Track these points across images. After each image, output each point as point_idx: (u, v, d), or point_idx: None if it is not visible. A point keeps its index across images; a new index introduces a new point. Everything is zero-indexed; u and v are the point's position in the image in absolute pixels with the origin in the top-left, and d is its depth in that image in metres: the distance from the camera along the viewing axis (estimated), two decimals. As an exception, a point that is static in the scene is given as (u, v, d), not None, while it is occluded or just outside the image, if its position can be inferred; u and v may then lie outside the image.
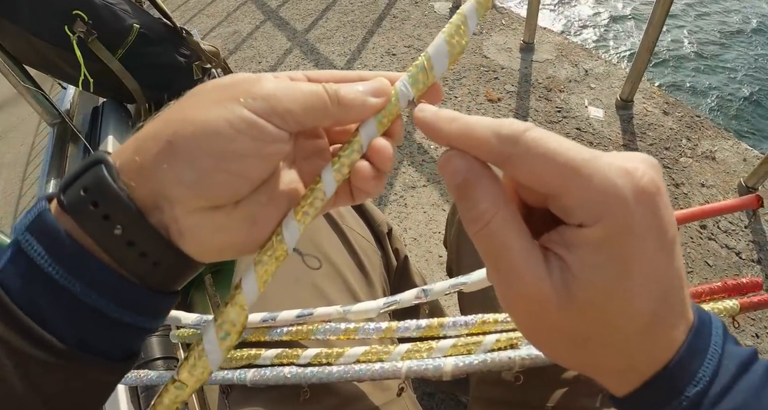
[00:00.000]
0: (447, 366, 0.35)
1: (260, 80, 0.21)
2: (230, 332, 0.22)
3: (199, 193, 0.20)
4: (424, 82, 0.23)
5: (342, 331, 0.40)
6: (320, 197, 0.22)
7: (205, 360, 0.22)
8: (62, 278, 0.20)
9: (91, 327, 0.21)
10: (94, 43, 0.94)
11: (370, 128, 0.23)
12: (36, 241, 0.20)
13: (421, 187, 1.27)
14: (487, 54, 1.62)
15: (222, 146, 0.20)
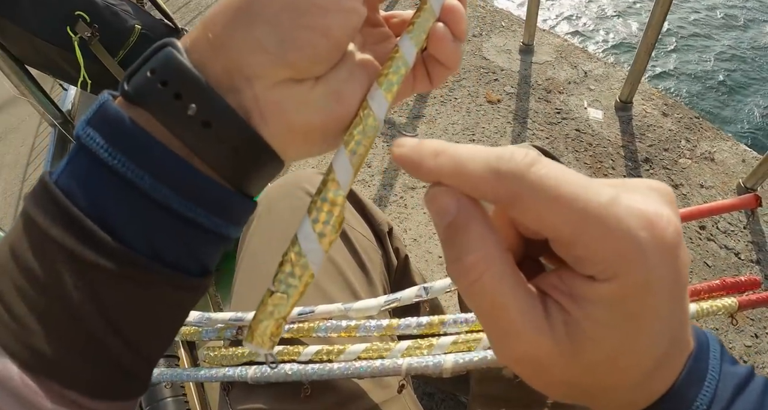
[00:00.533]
0: (447, 363, 0.35)
1: None
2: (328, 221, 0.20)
3: (281, 57, 0.18)
4: None
5: (343, 328, 0.41)
6: (402, 64, 0.22)
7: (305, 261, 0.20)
8: (127, 169, 0.18)
9: (160, 228, 0.18)
10: (96, 45, 0.95)
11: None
12: (97, 132, 0.18)
13: (420, 188, 1.28)
14: (487, 56, 1.63)
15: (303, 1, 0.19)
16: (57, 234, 0.18)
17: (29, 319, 0.18)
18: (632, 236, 0.15)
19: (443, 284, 0.40)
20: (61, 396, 0.18)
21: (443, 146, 0.17)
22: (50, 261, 0.18)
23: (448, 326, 0.38)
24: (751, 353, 0.94)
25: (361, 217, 0.53)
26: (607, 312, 0.16)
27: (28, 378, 0.18)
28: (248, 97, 0.19)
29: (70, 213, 0.17)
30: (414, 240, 1.17)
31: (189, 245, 0.19)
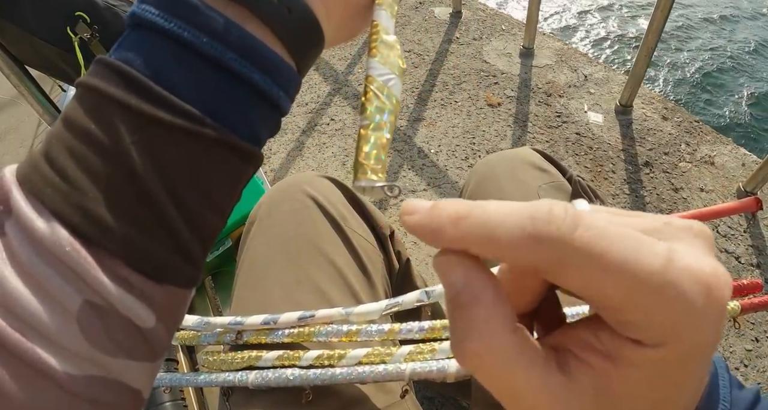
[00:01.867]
0: (451, 368, 0.35)
1: None
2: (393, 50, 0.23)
3: None
4: None
5: (344, 333, 0.40)
6: None
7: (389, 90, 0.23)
8: (183, 30, 0.18)
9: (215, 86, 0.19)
10: (96, 45, 0.95)
11: None
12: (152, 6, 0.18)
13: (421, 191, 1.27)
14: (487, 59, 1.63)
15: None
16: (114, 92, 0.18)
17: (83, 181, 0.17)
18: (690, 304, 0.13)
19: (446, 289, 0.40)
20: (113, 270, 0.17)
21: (464, 208, 0.14)
22: (108, 119, 0.18)
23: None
24: (751, 357, 0.94)
25: (362, 220, 0.52)
26: (650, 375, 0.14)
27: (79, 245, 0.17)
28: None
29: (127, 74, 0.18)
30: (415, 243, 1.16)
31: (242, 106, 0.19)
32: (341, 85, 1.68)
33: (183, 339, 0.47)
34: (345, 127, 1.51)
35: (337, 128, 1.52)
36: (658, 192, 1.21)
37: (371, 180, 0.20)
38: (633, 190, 1.22)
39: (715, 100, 2.57)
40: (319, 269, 0.45)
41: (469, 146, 1.37)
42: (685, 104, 2.52)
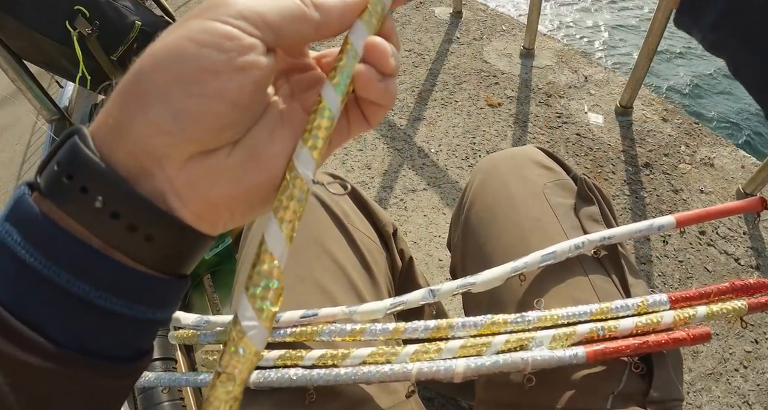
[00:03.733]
0: (458, 368, 0.35)
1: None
2: (266, 296, 0.19)
3: (181, 134, 0.17)
4: None
5: (348, 332, 0.40)
6: (327, 115, 0.20)
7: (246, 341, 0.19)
8: (44, 266, 0.17)
9: (83, 322, 0.18)
10: (92, 41, 0.94)
11: (359, 30, 0.21)
12: (14, 228, 0.17)
13: (421, 190, 1.27)
14: (488, 59, 1.63)
15: (188, 67, 0.17)
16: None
17: None
18: None
19: (451, 287, 0.39)
20: None
21: None
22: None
23: (457, 329, 0.37)
24: (751, 358, 0.94)
25: (365, 218, 0.52)
26: None
27: None
28: (161, 179, 0.18)
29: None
30: (414, 243, 1.16)
31: (115, 335, 0.19)
32: (341, 84, 1.67)
33: (182, 338, 0.47)
34: (345, 126, 1.51)
35: (337, 126, 1.51)
36: (657, 193, 1.21)
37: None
38: (633, 191, 1.22)
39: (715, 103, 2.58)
40: (322, 267, 0.45)
41: (469, 145, 1.37)
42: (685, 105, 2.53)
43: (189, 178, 0.18)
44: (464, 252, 0.51)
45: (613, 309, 0.38)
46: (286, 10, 0.19)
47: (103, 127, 0.18)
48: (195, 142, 0.18)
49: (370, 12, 0.21)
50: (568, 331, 0.36)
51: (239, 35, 0.18)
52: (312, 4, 0.20)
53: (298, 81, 0.23)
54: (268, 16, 0.19)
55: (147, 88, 0.17)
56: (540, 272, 0.42)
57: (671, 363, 0.39)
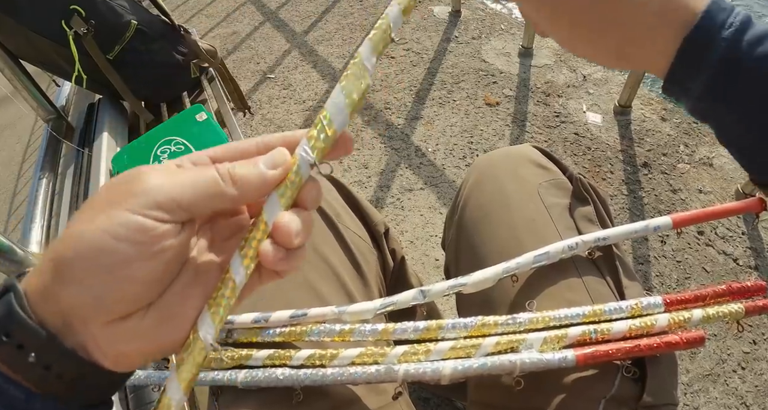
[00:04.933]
0: (446, 370, 0.34)
1: (147, 174, 0.21)
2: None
3: (100, 309, 0.20)
4: (326, 141, 0.22)
5: (337, 332, 0.39)
6: (231, 286, 0.22)
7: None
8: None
9: None
10: (88, 41, 0.93)
11: (273, 203, 0.22)
12: None
13: (418, 190, 1.27)
14: (486, 58, 1.62)
15: (105, 259, 0.19)
16: None
17: None
18: None
19: (442, 287, 0.39)
20: None
21: None
22: None
23: (446, 331, 0.37)
24: (749, 359, 0.93)
25: (356, 217, 0.51)
26: None
27: None
28: (85, 335, 0.20)
29: None
30: (411, 242, 1.15)
31: None
32: (339, 83, 1.67)
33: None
34: (342, 125, 1.50)
35: (335, 126, 1.51)
36: (656, 193, 1.20)
37: None
38: (631, 191, 1.21)
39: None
40: (312, 267, 0.44)
41: (466, 145, 1.36)
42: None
43: (108, 337, 0.20)
44: (458, 252, 0.51)
45: (606, 311, 0.37)
46: (203, 190, 0.21)
47: (35, 289, 0.20)
48: (112, 313, 0.20)
49: (287, 184, 0.22)
50: (559, 334, 0.36)
51: (152, 226, 0.20)
52: (230, 180, 0.21)
53: (222, 227, 0.25)
54: (184, 200, 0.20)
55: (70, 271, 0.20)
56: (533, 274, 0.42)
57: (665, 367, 0.38)
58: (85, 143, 1.01)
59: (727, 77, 0.22)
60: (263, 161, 0.22)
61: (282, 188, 0.22)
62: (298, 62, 1.81)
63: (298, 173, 0.22)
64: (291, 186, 0.22)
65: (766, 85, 0.21)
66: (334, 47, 1.84)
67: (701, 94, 0.23)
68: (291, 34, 1.99)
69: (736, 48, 0.21)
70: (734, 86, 0.22)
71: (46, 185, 0.95)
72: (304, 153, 0.22)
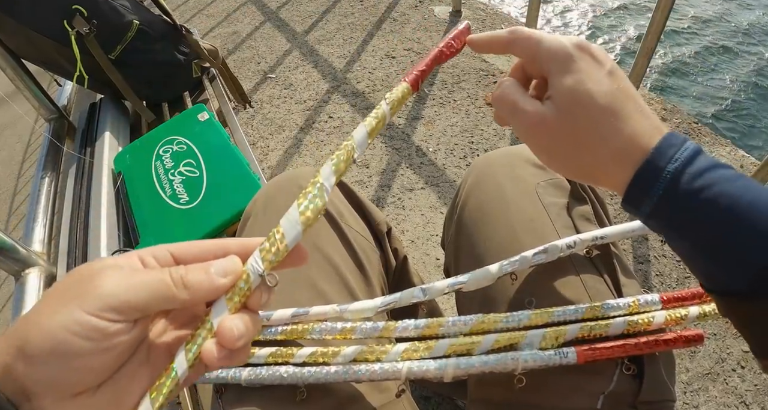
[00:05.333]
0: (449, 367, 0.34)
1: (101, 276, 0.23)
2: None
3: (54, 389, 0.22)
4: (277, 255, 0.24)
5: (338, 330, 0.40)
6: (173, 377, 0.24)
7: None
8: None
9: None
10: (90, 40, 0.94)
11: (220, 306, 0.24)
12: None
13: (419, 189, 1.27)
14: (487, 58, 1.63)
15: (63, 349, 0.22)
16: None
17: None
18: (560, 42, 0.30)
19: (442, 285, 0.39)
20: None
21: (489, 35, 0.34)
22: None
23: (447, 328, 0.37)
24: (748, 358, 0.94)
25: (359, 216, 0.52)
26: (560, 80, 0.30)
27: None
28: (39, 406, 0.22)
29: None
30: (411, 242, 1.16)
31: None
32: (339, 83, 1.67)
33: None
34: (343, 124, 1.51)
35: (335, 125, 1.51)
36: (656, 193, 1.21)
37: None
38: (631, 190, 1.22)
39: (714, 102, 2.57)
40: (315, 266, 0.45)
41: (467, 145, 1.37)
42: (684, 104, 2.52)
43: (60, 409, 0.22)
44: (457, 252, 0.51)
45: (604, 308, 0.38)
46: (154, 293, 0.23)
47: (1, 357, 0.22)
48: (64, 392, 0.22)
49: (236, 291, 0.24)
50: (558, 331, 0.36)
51: (105, 326, 0.22)
52: (182, 284, 0.23)
53: (178, 315, 0.27)
54: (137, 302, 0.23)
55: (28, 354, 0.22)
56: (531, 272, 0.42)
57: (663, 363, 0.39)
58: (87, 143, 1.02)
59: (669, 206, 0.26)
60: (215, 268, 0.24)
61: (230, 293, 0.24)
62: (299, 62, 1.81)
63: (248, 281, 0.24)
64: (239, 292, 0.24)
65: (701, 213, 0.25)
66: (334, 47, 1.84)
67: (650, 216, 0.28)
68: (292, 34, 1.99)
69: (678, 181, 0.26)
70: (675, 213, 0.26)
71: (48, 184, 0.95)
72: (255, 263, 0.24)
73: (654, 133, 0.28)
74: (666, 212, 0.27)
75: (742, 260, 0.24)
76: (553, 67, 0.30)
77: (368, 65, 1.71)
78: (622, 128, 0.28)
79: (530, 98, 0.31)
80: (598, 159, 0.29)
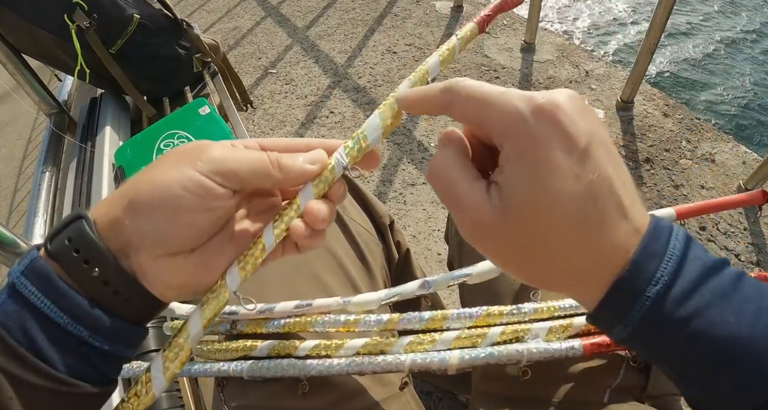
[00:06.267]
0: (452, 360, 0.34)
1: (212, 147, 0.25)
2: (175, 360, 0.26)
3: (157, 243, 0.24)
4: (360, 151, 0.27)
5: (342, 323, 0.39)
6: (260, 248, 0.26)
7: (150, 386, 0.25)
8: (52, 312, 0.23)
9: (75, 353, 0.24)
10: (91, 35, 0.93)
11: (307, 192, 0.27)
12: (30, 283, 0.23)
13: (420, 184, 1.27)
14: (488, 53, 1.62)
15: (173, 203, 0.24)
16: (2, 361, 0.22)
17: None
18: (513, 107, 0.21)
19: (446, 278, 0.39)
20: None
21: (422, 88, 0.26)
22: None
23: (452, 321, 0.37)
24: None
25: (361, 209, 0.51)
26: (512, 166, 0.21)
27: None
28: (135, 262, 0.25)
29: (7, 343, 0.23)
30: (413, 237, 1.16)
31: (97, 365, 0.25)
32: (341, 78, 1.66)
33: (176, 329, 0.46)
34: (344, 119, 1.50)
35: (336, 120, 1.51)
36: (658, 188, 1.20)
37: None
38: (633, 186, 1.21)
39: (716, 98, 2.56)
40: (318, 258, 0.44)
41: (469, 140, 1.36)
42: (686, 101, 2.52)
43: (154, 268, 0.25)
44: (461, 244, 0.51)
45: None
46: (255, 169, 0.25)
47: (103, 217, 0.25)
48: (165, 249, 0.25)
49: (321, 179, 0.27)
50: (564, 323, 0.36)
51: (213, 187, 0.24)
52: (278, 165, 0.26)
53: (257, 204, 0.29)
54: (239, 173, 0.25)
55: (139, 208, 0.24)
56: (537, 264, 0.42)
57: None
58: (88, 138, 1.01)
59: (649, 335, 0.21)
60: (304, 157, 0.27)
61: (317, 180, 0.27)
62: (300, 57, 1.81)
63: (332, 171, 0.27)
64: (324, 181, 0.27)
65: (689, 346, 0.20)
66: (335, 42, 1.84)
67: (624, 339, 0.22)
68: (293, 30, 1.98)
69: (661, 308, 0.20)
70: (657, 344, 0.21)
71: (48, 179, 0.95)
72: (339, 157, 0.27)
73: (632, 237, 0.20)
74: (645, 341, 0.21)
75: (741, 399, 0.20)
76: (504, 143, 0.21)
77: (369, 60, 1.70)
78: (593, 239, 0.20)
79: (473, 180, 0.23)
80: (556, 275, 0.22)
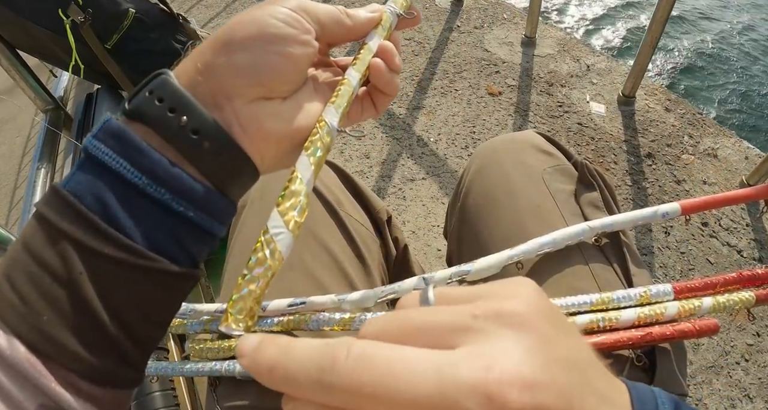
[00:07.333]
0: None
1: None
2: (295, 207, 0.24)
3: (255, 78, 0.23)
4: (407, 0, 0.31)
5: (337, 321, 0.38)
6: (348, 88, 0.27)
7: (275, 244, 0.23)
8: (129, 172, 0.21)
9: (155, 221, 0.22)
10: (86, 30, 0.92)
11: (374, 37, 0.29)
12: (102, 144, 0.21)
13: (420, 180, 1.25)
14: (489, 48, 1.60)
15: (270, 32, 0.24)
16: (67, 227, 0.21)
17: (39, 304, 0.20)
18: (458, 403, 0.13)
19: (444, 274, 0.38)
20: (63, 378, 0.21)
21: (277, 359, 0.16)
22: (61, 251, 0.21)
23: (450, 319, 0.36)
24: (752, 352, 0.93)
25: (358, 204, 0.50)
26: None
27: (34, 359, 0.20)
28: (229, 112, 0.23)
29: (79, 211, 0.21)
30: (413, 233, 1.15)
31: (179, 238, 0.23)
32: (340, 74, 1.65)
33: (173, 327, 0.46)
34: (343, 116, 1.49)
35: (336, 117, 1.49)
36: (660, 184, 1.19)
37: (231, 328, 0.22)
38: (635, 181, 1.20)
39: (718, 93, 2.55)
40: (313, 255, 0.43)
41: (469, 134, 1.35)
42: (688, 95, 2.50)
43: (251, 113, 0.24)
44: (460, 240, 0.50)
45: (614, 299, 0.36)
46: (331, 14, 0.27)
47: (190, 69, 0.24)
48: (262, 86, 0.24)
49: (383, 26, 0.30)
50: (565, 320, 0.35)
51: (303, 21, 0.25)
52: (347, 14, 0.28)
53: (321, 73, 0.30)
54: (320, 15, 0.27)
55: (236, 41, 0.23)
56: (538, 260, 0.41)
57: (675, 357, 0.37)
58: (84, 134, 1.00)
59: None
60: (364, 9, 0.29)
61: (379, 28, 0.30)
62: (299, 53, 1.79)
63: (388, 18, 0.30)
64: (385, 27, 0.30)
65: None
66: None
67: None
68: (291, 25, 1.97)
69: None
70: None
71: (44, 175, 0.94)
72: (392, 6, 0.31)
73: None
74: None
75: None
76: None
77: (368, 56, 1.68)
78: None
79: None
80: None
